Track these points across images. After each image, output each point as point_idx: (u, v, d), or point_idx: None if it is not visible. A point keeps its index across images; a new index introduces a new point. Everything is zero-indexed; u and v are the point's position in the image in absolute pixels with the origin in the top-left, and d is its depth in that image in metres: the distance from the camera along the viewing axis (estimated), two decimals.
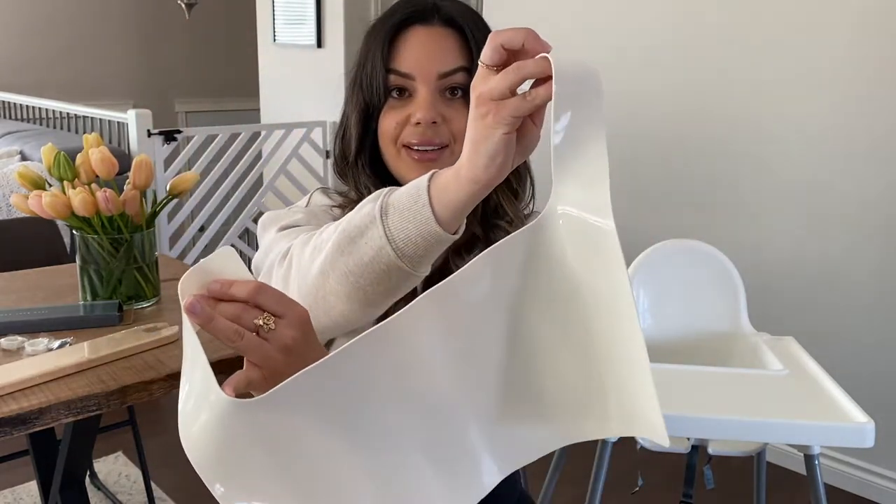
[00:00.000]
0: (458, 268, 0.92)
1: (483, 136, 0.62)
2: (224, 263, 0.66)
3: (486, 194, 0.65)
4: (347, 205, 0.97)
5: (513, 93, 0.60)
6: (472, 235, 0.95)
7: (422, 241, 0.67)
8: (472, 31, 0.91)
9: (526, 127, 0.63)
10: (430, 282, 0.94)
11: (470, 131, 0.63)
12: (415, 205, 0.66)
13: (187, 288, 0.64)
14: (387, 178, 0.95)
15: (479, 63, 0.62)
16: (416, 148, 0.89)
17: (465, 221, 0.69)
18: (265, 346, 0.64)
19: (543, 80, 0.59)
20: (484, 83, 0.61)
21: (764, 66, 2.37)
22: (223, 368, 1.17)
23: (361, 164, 0.94)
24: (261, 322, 0.64)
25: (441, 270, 0.95)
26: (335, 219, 0.93)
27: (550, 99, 0.58)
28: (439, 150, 0.89)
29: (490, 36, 0.62)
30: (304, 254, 0.77)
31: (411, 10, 0.90)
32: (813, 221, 2.33)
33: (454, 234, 0.68)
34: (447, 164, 0.91)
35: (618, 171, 2.85)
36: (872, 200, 2.21)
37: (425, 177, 0.68)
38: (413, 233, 0.67)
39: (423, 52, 0.88)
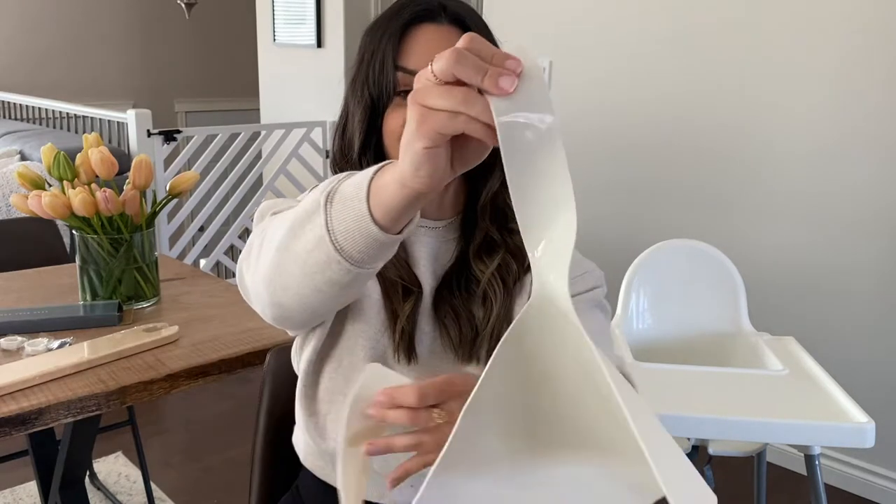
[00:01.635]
0: (479, 270, 0.92)
1: (406, 142, 0.56)
2: (377, 381, 0.69)
3: (426, 200, 0.60)
4: None
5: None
6: (491, 239, 0.94)
7: (360, 237, 0.64)
8: (478, 31, 0.91)
9: (465, 139, 0.56)
10: (441, 286, 0.94)
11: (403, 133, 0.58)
12: (356, 198, 0.63)
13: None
14: None
15: (430, 68, 0.55)
16: None
17: (412, 224, 0.65)
18: (446, 435, 0.62)
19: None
20: (422, 85, 0.54)
21: (763, 67, 2.37)
22: (237, 366, 1.17)
23: (366, 162, 0.92)
24: (440, 420, 0.68)
25: (458, 273, 0.95)
26: None
27: (490, 141, 0.53)
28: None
29: (451, 55, 0.53)
30: (273, 224, 0.75)
31: (419, 8, 0.89)
32: (813, 221, 2.33)
33: (397, 234, 0.64)
34: None
35: (619, 171, 2.86)
36: (873, 201, 2.21)
37: (372, 168, 0.63)
38: (352, 227, 0.63)
39: (429, 50, 0.88)
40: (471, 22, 0.91)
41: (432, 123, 0.54)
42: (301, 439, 1.02)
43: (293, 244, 0.69)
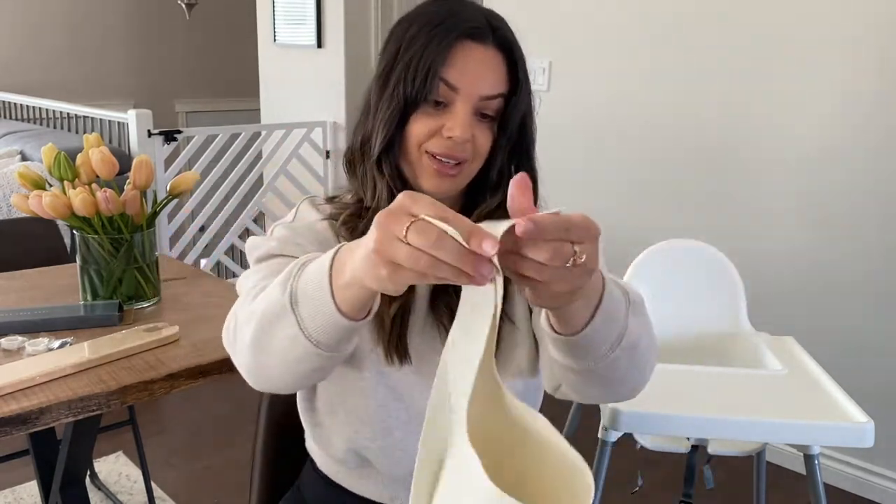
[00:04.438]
0: None
1: (370, 269, 0.58)
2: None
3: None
4: (338, 213, 0.95)
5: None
6: None
7: (332, 329, 0.68)
8: (521, 60, 0.90)
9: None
10: (438, 286, 0.94)
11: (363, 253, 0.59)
12: (321, 296, 0.67)
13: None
14: (403, 178, 0.93)
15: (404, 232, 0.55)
16: (437, 158, 0.89)
17: (376, 305, 0.69)
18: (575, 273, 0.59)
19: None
20: (390, 242, 0.56)
21: (764, 67, 2.37)
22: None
23: (386, 165, 0.91)
24: (580, 260, 0.58)
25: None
26: (316, 238, 0.93)
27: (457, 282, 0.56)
28: (458, 164, 0.89)
29: (431, 237, 0.54)
30: (241, 317, 0.78)
31: (471, 25, 0.88)
32: (813, 221, 2.33)
33: (366, 317, 0.68)
34: (464, 179, 0.91)
35: (619, 171, 2.86)
36: (872, 201, 2.21)
37: (327, 262, 0.66)
38: (322, 322, 0.68)
39: (473, 70, 0.87)
40: (516, 50, 0.90)
41: (400, 279, 0.57)
42: (313, 447, 1.05)
43: (268, 344, 0.73)
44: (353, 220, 0.94)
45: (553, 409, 1.09)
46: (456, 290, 0.95)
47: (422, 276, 0.55)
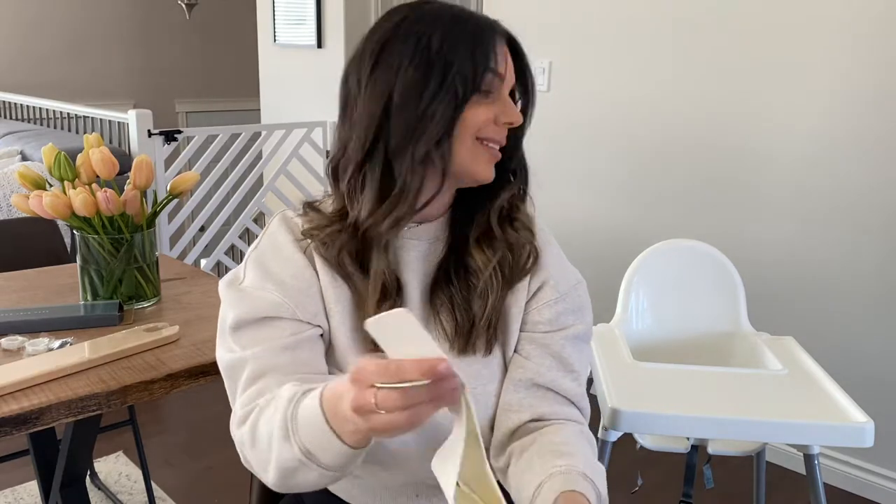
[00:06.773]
0: (481, 262, 0.94)
1: (363, 428, 0.67)
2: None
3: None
4: (313, 229, 0.94)
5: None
6: (491, 230, 0.96)
7: (354, 458, 0.74)
8: (523, 53, 0.97)
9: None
10: (436, 278, 0.94)
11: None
12: (335, 446, 0.72)
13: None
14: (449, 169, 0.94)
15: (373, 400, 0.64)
16: (489, 145, 0.92)
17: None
18: None
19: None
20: (370, 408, 0.64)
21: (763, 67, 2.37)
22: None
23: (440, 154, 0.89)
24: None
25: (455, 264, 0.96)
26: (287, 264, 0.93)
27: None
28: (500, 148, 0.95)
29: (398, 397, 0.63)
30: (252, 460, 0.84)
31: (489, 21, 0.93)
32: (813, 221, 2.33)
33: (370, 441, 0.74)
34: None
35: (619, 171, 2.86)
36: (872, 200, 2.21)
37: (317, 407, 0.73)
38: (344, 461, 0.74)
39: (507, 61, 0.94)
40: (519, 46, 0.96)
41: (395, 433, 0.64)
42: None
43: (296, 484, 0.80)
44: (331, 237, 0.92)
45: None
46: (457, 280, 0.96)
47: (412, 426, 0.63)
